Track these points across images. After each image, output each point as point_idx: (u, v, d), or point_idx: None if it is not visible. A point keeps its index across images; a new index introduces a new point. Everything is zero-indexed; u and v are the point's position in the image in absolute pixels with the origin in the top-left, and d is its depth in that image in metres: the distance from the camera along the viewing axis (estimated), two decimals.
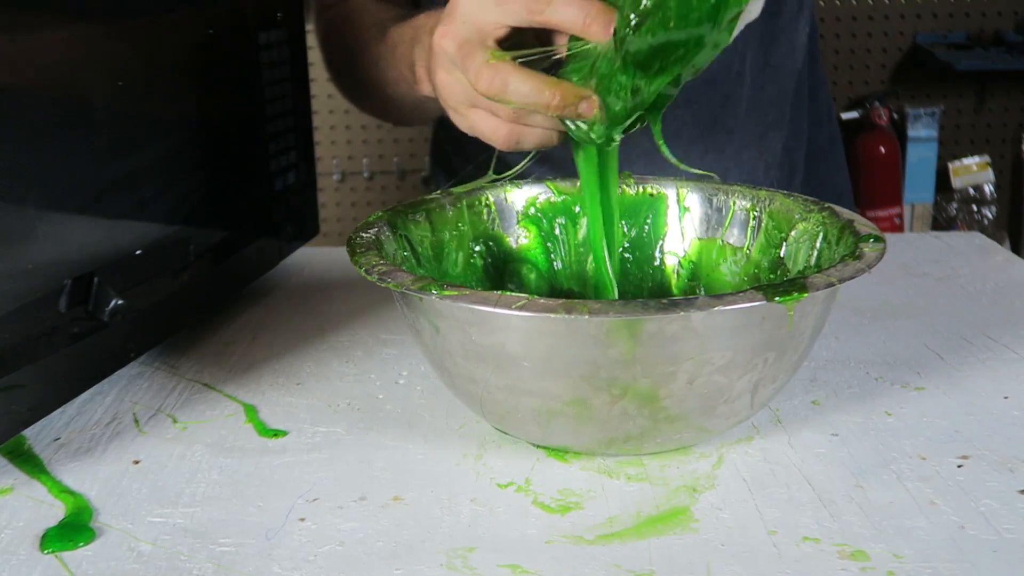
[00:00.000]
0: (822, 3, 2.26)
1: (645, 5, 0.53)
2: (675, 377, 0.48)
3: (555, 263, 0.67)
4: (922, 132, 2.26)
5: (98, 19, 0.57)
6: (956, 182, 2.28)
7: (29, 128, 0.51)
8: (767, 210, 0.63)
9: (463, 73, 0.57)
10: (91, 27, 0.56)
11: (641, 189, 0.67)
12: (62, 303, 0.55)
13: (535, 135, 0.60)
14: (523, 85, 0.54)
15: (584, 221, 0.67)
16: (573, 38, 0.57)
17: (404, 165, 2.31)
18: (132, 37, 0.60)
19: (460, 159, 0.98)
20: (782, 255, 0.62)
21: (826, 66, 1.89)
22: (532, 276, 0.67)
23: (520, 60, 0.56)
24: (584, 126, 0.57)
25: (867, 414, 0.58)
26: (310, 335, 0.71)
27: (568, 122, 0.57)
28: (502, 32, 0.56)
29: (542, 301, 0.47)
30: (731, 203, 0.65)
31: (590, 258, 0.67)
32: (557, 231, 0.67)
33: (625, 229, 0.67)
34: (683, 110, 0.88)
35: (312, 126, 0.83)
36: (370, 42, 0.81)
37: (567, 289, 0.68)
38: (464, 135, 0.95)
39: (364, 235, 0.57)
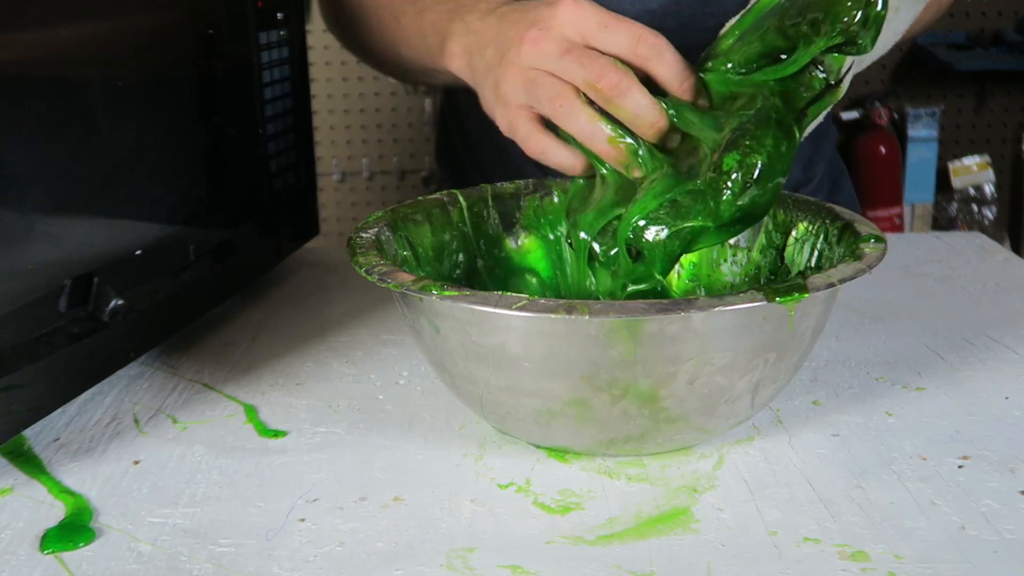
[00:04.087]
0: None
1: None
2: (675, 377, 0.48)
3: (556, 270, 0.67)
4: (922, 132, 2.26)
5: (98, 18, 0.57)
6: (956, 182, 2.28)
7: (29, 128, 0.51)
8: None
9: (578, 70, 0.58)
10: (91, 27, 0.56)
11: None
12: (62, 303, 0.55)
13: (564, 152, 0.62)
14: (643, 97, 0.58)
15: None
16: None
17: (404, 165, 2.31)
18: (132, 37, 0.60)
19: (468, 157, 0.98)
20: (783, 255, 0.61)
21: None
22: (533, 281, 0.67)
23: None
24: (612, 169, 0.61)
25: (868, 414, 0.58)
26: (310, 335, 0.71)
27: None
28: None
29: (542, 301, 0.46)
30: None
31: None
32: (560, 243, 0.67)
33: None
34: None
35: (312, 126, 0.83)
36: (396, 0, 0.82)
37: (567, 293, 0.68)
38: (473, 132, 0.95)
39: (364, 235, 0.57)
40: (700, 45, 0.62)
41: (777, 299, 0.47)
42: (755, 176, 0.54)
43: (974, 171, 2.28)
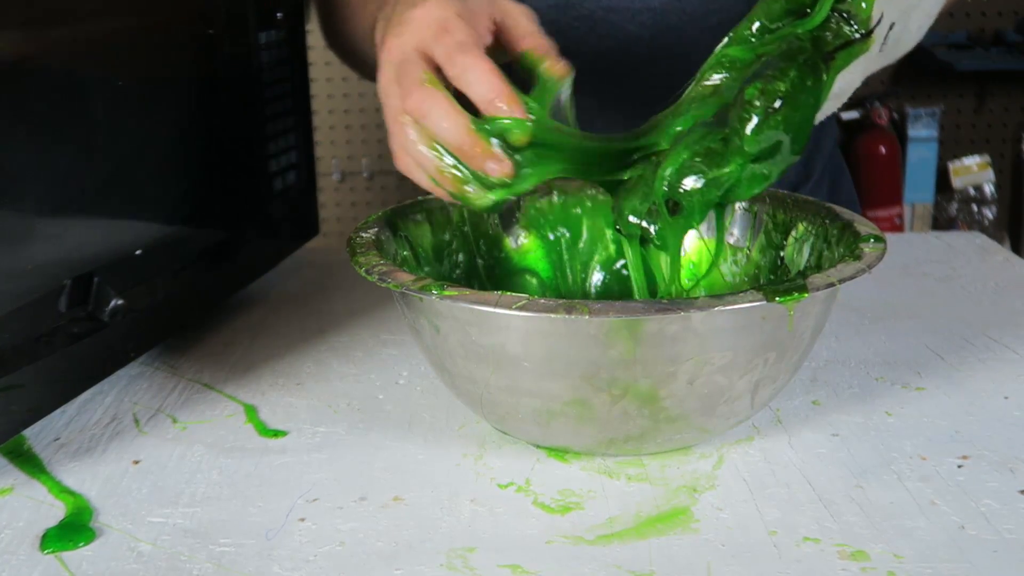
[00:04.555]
0: None
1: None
2: (675, 377, 0.48)
3: (556, 271, 0.67)
4: (922, 132, 2.26)
5: (98, 18, 0.57)
6: (956, 182, 2.28)
7: (29, 128, 0.51)
8: (767, 210, 0.63)
9: (398, 85, 0.56)
10: (91, 27, 0.56)
11: None
12: (62, 303, 0.55)
13: (420, 177, 0.57)
14: (444, 120, 0.53)
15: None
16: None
17: None
18: (132, 37, 0.60)
19: None
20: (782, 255, 0.61)
21: None
22: (534, 281, 0.67)
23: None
24: (474, 191, 0.55)
25: (867, 414, 0.58)
26: (310, 335, 0.71)
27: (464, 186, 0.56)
28: (430, 65, 0.56)
29: (542, 301, 0.46)
30: (731, 203, 0.65)
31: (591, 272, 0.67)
32: (561, 244, 0.67)
33: None
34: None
35: (312, 126, 0.83)
36: None
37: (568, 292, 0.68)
38: None
39: (364, 235, 0.57)
40: (702, 42, 0.61)
41: (777, 299, 0.47)
42: (777, 104, 0.52)
43: (974, 171, 2.28)
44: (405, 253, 0.60)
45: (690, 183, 0.55)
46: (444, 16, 0.56)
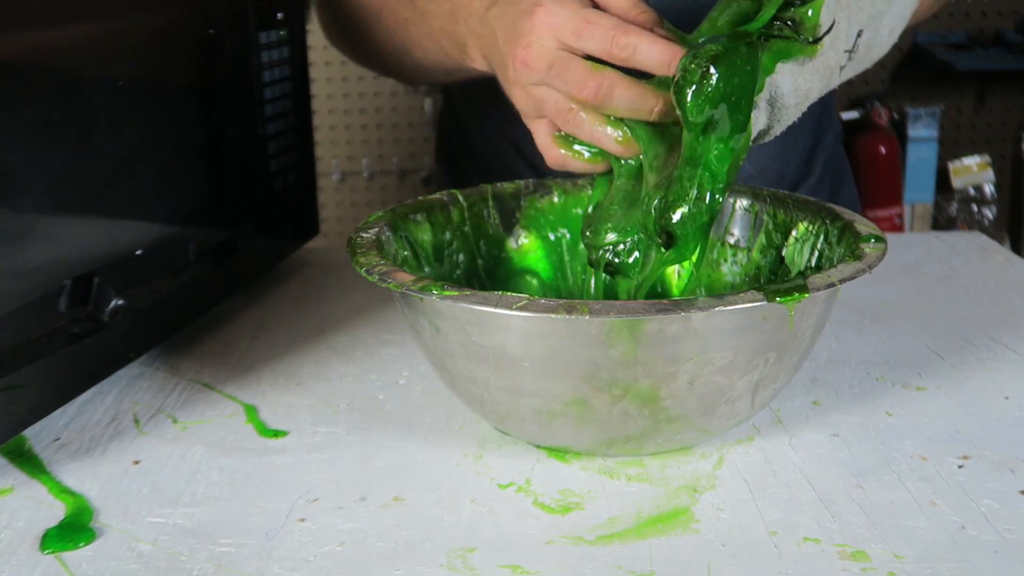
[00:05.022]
0: None
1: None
2: (676, 377, 0.48)
3: (556, 272, 0.67)
4: (922, 132, 2.26)
5: (98, 18, 0.57)
6: (956, 182, 2.28)
7: (29, 128, 0.51)
8: (767, 210, 0.63)
9: (560, 85, 0.58)
10: (91, 27, 0.56)
11: None
12: (62, 303, 0.55)
13: (579, 163, 0.62)
14: (628, 91, 0.56)
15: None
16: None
17: (404, 165, 2.31)
18: (132, 37, 0.60)
19: (468, 157, 0.98)
20: (782, 255, 0.61)
21: None
22: (534, 282, 0.67)
23: None
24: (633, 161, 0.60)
25: (868, 414, 0.58)
26: (310, 335, 0.71)
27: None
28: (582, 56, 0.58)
29: (543, 301, 0.46)
30: (731, 203, 0.65)
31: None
32: (561, 244, 0.67)
33: None
34: None
35: (312, 126, 0.83)
36: (393, 3, 0.81)
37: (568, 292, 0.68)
38: (472, 133, 0.95)
39: (364, 235, 0.57)
40: None
41: (777, 299, 0.47)
42: (711, 67, 0.51)
43: (974, 171, 2.28)
44: (405, 253, 0.60)
45: (679, 214, 0.55)
46: (575, 11, 0.57)
